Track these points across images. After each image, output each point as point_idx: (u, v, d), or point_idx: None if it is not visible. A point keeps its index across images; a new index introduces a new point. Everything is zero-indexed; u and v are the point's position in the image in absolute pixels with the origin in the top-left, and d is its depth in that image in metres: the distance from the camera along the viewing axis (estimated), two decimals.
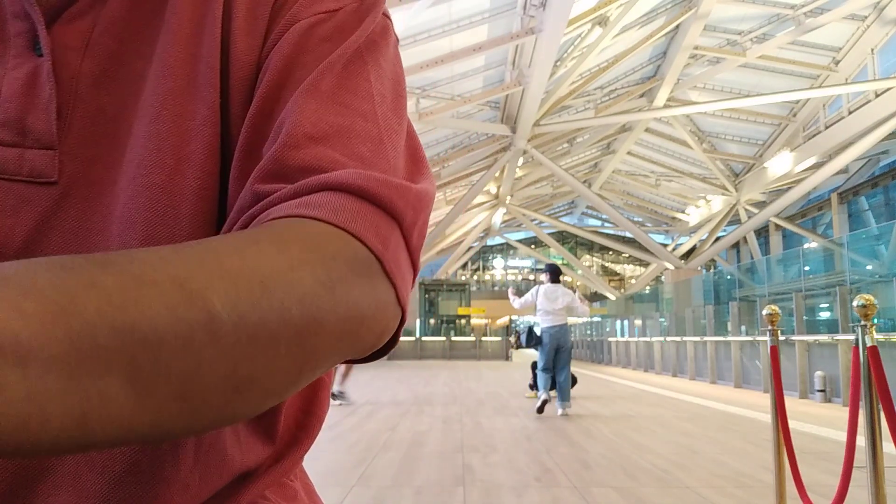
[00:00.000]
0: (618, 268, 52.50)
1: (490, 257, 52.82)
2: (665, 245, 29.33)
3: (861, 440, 1.97)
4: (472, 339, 22.87)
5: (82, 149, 0.40)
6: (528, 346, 6.93)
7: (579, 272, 39.43)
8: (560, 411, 6.33)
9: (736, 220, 27.31)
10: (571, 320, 7.42)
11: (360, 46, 0.41)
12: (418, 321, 27.28)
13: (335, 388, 6.80)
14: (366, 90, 0.40)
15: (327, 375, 0.52)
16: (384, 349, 0.39)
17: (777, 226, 28.28)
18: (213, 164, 0.40)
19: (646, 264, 36.62)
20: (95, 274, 0.23)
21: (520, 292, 7.50)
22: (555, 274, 6.92)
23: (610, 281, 45.37)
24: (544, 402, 6.42)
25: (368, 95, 0.40)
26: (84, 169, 0.40)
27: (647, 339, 15.87)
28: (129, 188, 0.39)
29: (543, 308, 6.71)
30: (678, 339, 13.54)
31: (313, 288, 0.29)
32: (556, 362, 6.60)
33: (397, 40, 0.47)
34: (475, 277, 51.20)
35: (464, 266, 48.36)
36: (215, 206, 0.40)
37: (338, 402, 6.82)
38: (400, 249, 0.36)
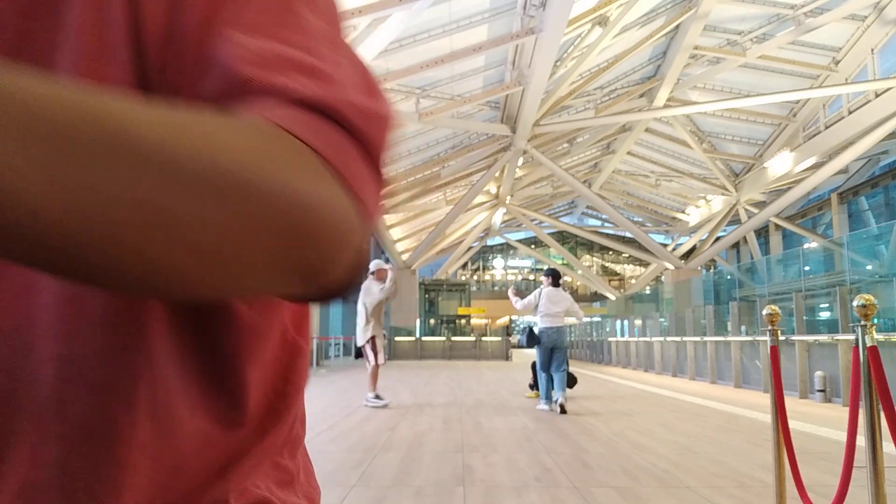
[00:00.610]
0: (618, 268, 52.52)
1: (490, 257, 52.85)
2: (665, 245, 29.34)
3: (861, 440, 1.97)
4: (472, 338, 22.87)
5: None
6: (529, 346, 7.10)
7: (579, 272, 39.44)
8: (559, 400, 6.50)
9: (736, 220, 27.31)
10: (571, 320, 7.62)
11: None
12: (418, 321, 27.31)
13: (370, 394, 6.98)
14: (302, 25, 0.40)
15: (305, 343, 0.50)
16: (351, 280, 0.36)
17: (777, 226, 28.29)
18: None
19: (646, 264, 36.63)
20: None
21: (521, 293, 7.63)
22: (556, 278, 7.18)
23: (610, 281, 45.39)
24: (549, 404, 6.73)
25: (307, 29, 0.40)
26: None
27: (647, 339, 15.87)
28: None
29: (545, 310, 6.98)
30: (678, 339, 13.55)
31: (258, 158, 0.28)
32: (553, 361, 6.82)
33: None
34: (475, 277, 51.23)
35: (464, 266, 48.40)
36: None
37: (381, 403, 6.88)
38: (365, 170, 0.35)
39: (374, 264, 7.04)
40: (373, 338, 7.00)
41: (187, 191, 0.26)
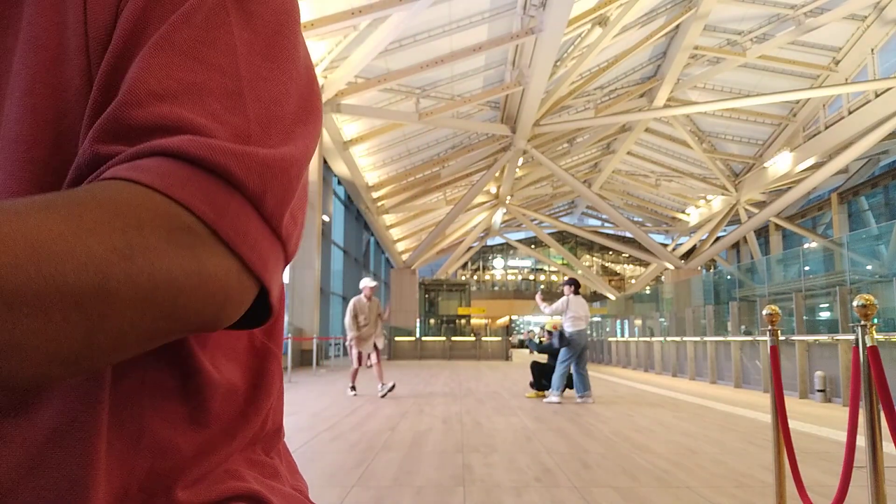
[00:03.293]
0: (618, 268, 52.54)
1: (490, 257, 52.87)
2: (665, 245, 29.35)
3: (861, 440, 1.97)
4: (472, 339, 22.88)
5: None
6: (560, 346, 7.68)
7: (579, 272, 39.44)
8: (589, 400, 7.44)
9: (736, 220, 27.32)
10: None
11: None
12: (418, 321, 27.30)
13: (379, 384, 7.88)
14: (226, 42, 0.38)
15: (276, 347, 0.51)
16: (254, 319, 0.38)
17: (777, 226, 28.30)
18: None
19: (646, 264, 36.66)
20: None
21: (548, 298, 8.27)
22: (577, 286, 7.94)
23: (610, 281, 45.39)
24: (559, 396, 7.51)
25: (230, 48, 0.38)
26: None
27: (648, 339, 15.87)
28: (9, 165, 0.38)
29: (576, 314, 7.68)
30: (678, 339, 13.55)
31: (103, 256, 0.28)
32: (580, 360, 7.65)
33: None
34: (475, 277, 51.24)
35: (464, 266, 48.42)
36: None
37: (388, 387, 7.80)
38: (245, 217, 0.35)
39: (362, 283, 8.07)
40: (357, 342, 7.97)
41: (29, 320, 0.26)
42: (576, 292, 7.80)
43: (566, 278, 8.16)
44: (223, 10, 0.38)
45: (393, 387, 7.86)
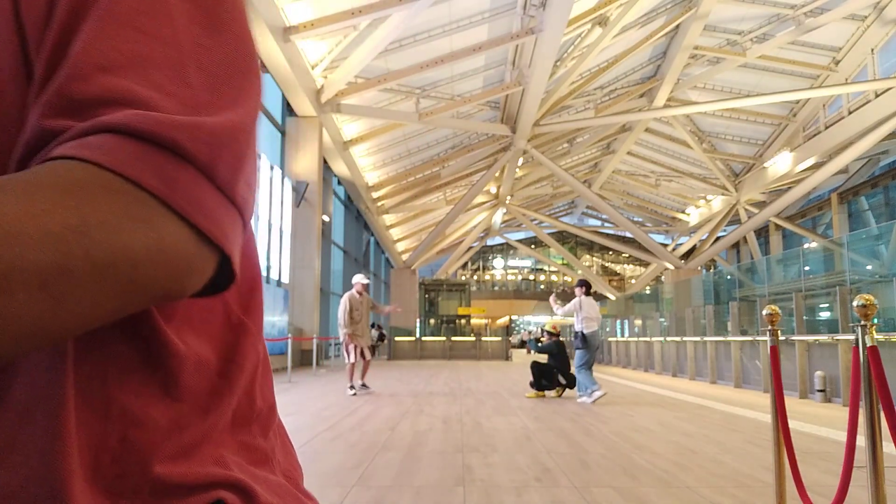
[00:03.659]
0: (618, 268, 52.54)
1: (490, 257, 52.87)
2: (665, 245, 29.35)
3: (861, 440, 1.97)
4: (472, 338, 22.88)
5: None
6: (581, 348, 7.65)
7: (579, 272, 39.43)
8: (588, 401, 7.35)
9: (736, 220, 27.32)
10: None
11: None
12: (418, 321, 27.30)
13: (357, 382, 8.26)
14: (164, 11, 0.38)
15: (253, 323, 0.51)
16: (216, 286, 0.39)
17: (777, 226, 28.29)
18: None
19: (646, 264, 36.65)
20: None
21: (561, 300, 8.16)
22: (589, 287, 7.93)
23: (610, 281, 45.38)
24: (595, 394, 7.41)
25: (167, 16, 0.38)
26: None
27: (647, 339, 15.87)
28: None
29: (589, 315, 7.68)
30: (678, 339, 13.55)
31: (59, 234, 0.29)
32: (593, 359, 7.74)
33: None
34: (475, 277, 51.24)
35: (464, 266, 48.41)
36: None
37: (364, 392, 8.12)
38: (198, 187, 0.36)
39: (355, 279, 8.26)
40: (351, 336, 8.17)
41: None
42: (587, 293, 7.80)
43: (578, 280, 8.21)
44: None
45: (368, 390, 8.21)
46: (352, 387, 8.15)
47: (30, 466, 0.37)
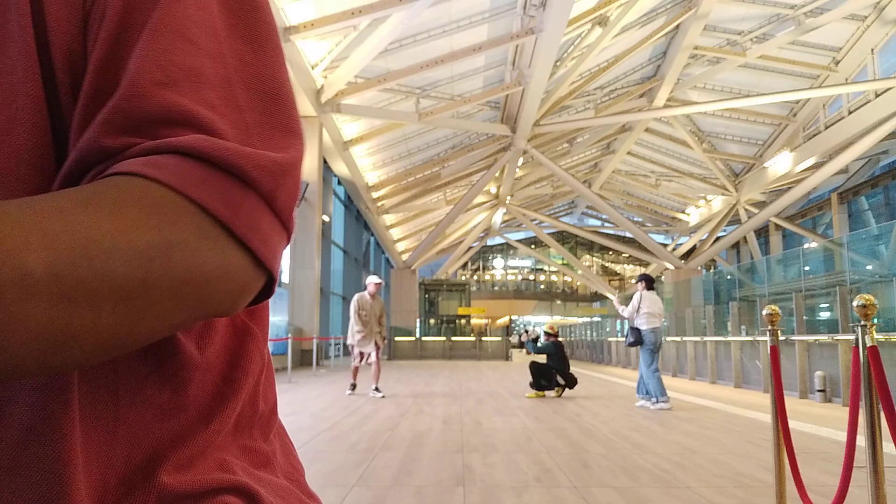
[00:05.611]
0: (618, 268, 52.52)
1: (490, 257, 52.85)
2: (665, 245, 29.34)
3: (861, 440, 1.97)
4: (472, 339, 22.87)
5: None
6: (634, 345, 7.31)
7: (579, 272, 39.44)
8: (666, 406, 6.91)
9: (736, 220, 27.31)
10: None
11: None
12: (418, 321, 27.29)
13: (373, 386, 8.02)
14: (210, 23, 0.39)
15: (258, 327, 0.51)
16: (256, 301, 0.41)
17: (777, 226, 28.29)
18: (43, 117, 0.38)
19: (646, 264, 36.64)
20: None
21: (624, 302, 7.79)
22: (651, 282, 7.45)
23: (610, 281, 45.42)
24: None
25: (213, 29, 0.39)
26: None
27: None
28: None
29: (652, 311, 7.22)
30: (678, 339, 13.55)
31: (145, 251, 0.31)
32: (654, 359, 7.19)
33: None
34: (475, 277, 51.22)
35: (464, 266, 48.40)
36: (52, 162, 0.39)
37: (377, 396, 7.82)
38: (258, 213, 0.37)
39: (368, 279, 7.99)
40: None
41: (86, 313, 0.29)
42: (648, 288, 7.29)
43: (638, 274, 7.66)
44: None
45: (383, 397, 7.76)
46: (353, 385, 8.13)
47: (35, 490, 0.36)
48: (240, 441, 0.48)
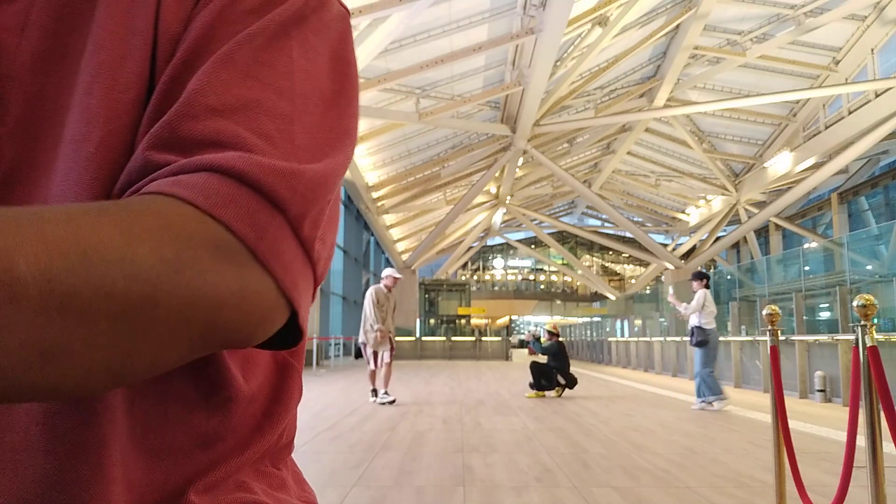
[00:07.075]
0: (618, 268, 52.52)
1: (490, 257, 52.84)
2: (665, 245, 29.33)
3: (861, 440, 1.97)
4: (472, 338, 22.87)
5: (23, 131, 0.39)
6: (700, 346, 6.95)
7: (579, 272, 39.43)
8: (716, 405, 6.76)
9: (736, 220, 27.30)
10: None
11: (286, 20, 0.40)
12: (418, 321, 27.29)
13: (381, 390, 7.21)
14: (285, 66, 0.39)
15: (297, 362, 0.51)
16: (284, 341, 0.39)
17: (777, 226, 28.27)
18: (135, 139, 0.38)
19: (646, 264, 36.62)
20: None
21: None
22: (709, 279, 7.22)
23: (610, 281, 45.38)
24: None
25: (288, 72, 0.39)
26: (26, 152, 0.39)
27: (648, 339, 15.87)
28: (64, 165, 0.38)
29: (711, 310, 6.98)
30: (678, 339, 13.55)
31: (153, 266, 0.28)
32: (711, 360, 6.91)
33: (345, 15, 0.46)
34: (475, 277, 51.21)
35: (464, 266, 48.38)
36: None
37: (389, 399, 7.11)
38: (283, 238, 0.36)
39: (386, 272, 7.29)
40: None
41: (79, 326, 0.26)
42: (707, 286, 7.05)
43: (693, 272, 7.35)
44: (285, 34, 0.40)
45: (393, 401, 7.13)
46: (374, 391, 7.27)
47: None
48: (254, 466, 0.48)
